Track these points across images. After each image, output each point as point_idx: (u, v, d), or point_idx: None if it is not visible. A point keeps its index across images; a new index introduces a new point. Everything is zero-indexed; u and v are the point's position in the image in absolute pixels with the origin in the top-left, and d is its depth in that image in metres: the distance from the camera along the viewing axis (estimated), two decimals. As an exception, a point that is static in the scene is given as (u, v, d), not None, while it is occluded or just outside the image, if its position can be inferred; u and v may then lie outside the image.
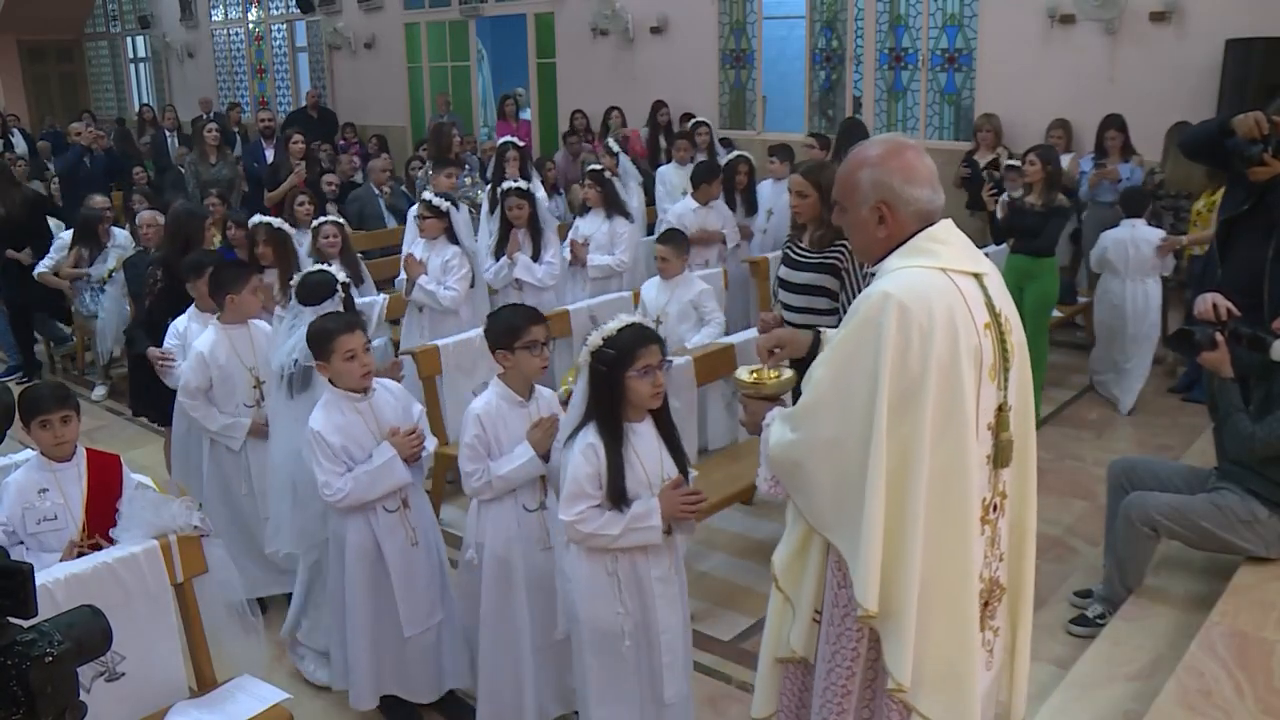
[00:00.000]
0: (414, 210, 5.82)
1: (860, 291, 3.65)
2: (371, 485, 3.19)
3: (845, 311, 2.46)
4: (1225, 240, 4.27)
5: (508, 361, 3.11)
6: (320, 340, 3.21)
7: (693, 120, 8.65)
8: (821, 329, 2.51)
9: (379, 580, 3.27)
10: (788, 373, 2.44)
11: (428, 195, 5.61)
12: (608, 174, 6.55)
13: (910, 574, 2.00)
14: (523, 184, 5.91)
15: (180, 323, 4.38)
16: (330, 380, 3.26)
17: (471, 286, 5.51)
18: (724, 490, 4.13)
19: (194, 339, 4.20)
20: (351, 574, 3.26)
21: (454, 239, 5.50)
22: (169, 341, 4.36)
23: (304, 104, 12.88)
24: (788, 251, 4.10)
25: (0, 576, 1.41)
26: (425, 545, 3.36)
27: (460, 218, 5.60)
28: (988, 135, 7.88)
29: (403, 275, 5.62)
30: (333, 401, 3.24)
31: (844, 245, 3.82)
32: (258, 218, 5.35)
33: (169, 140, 11.71)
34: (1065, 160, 7.14)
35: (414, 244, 5.66)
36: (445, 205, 5.50)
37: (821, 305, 3.79)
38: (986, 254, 2.09)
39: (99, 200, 7.36)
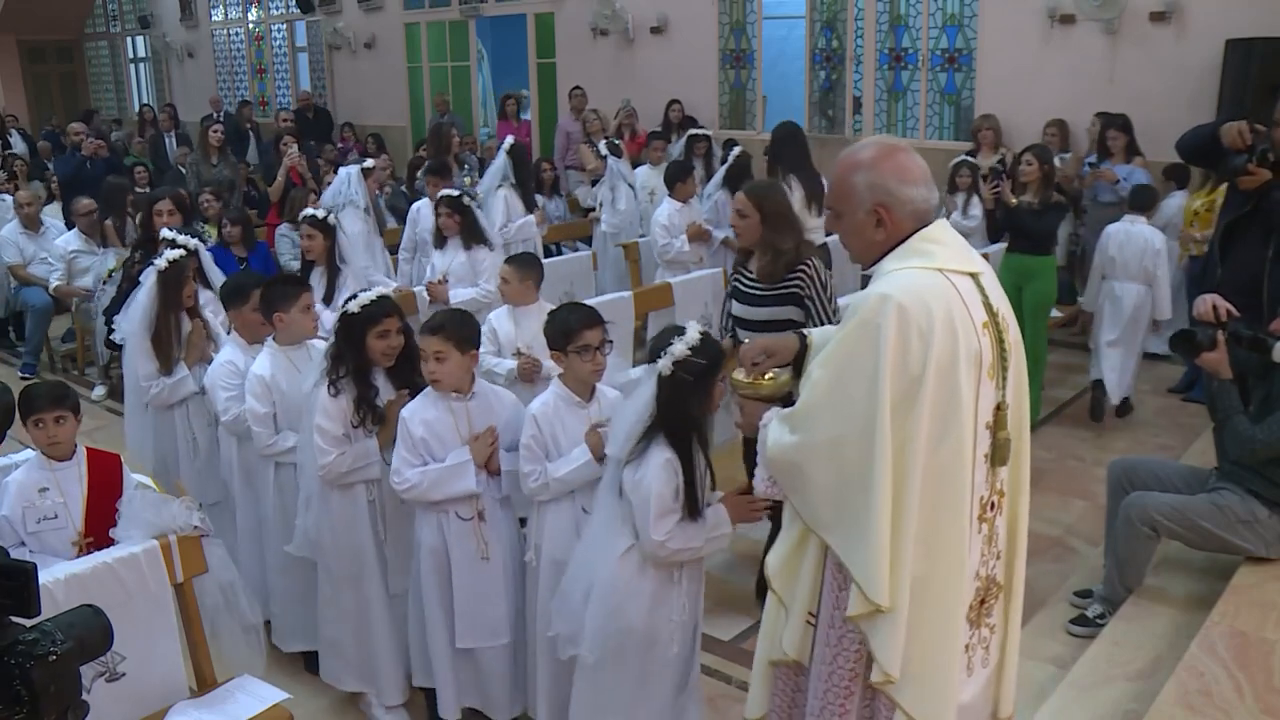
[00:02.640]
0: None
1: (830, 318, 3.56)
2: (437, 484, 3.11)
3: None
4: (1225, 241, 4.28)
5: (561, 363, 3.11)
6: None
7: (690, 132, 8.48)
8: (807, 331, 2.49)
9: (446, 587, 3.22)
10: (784, 374, 2.43)
11: (167, 232, 4.58)
12: (465, 200, 5.63)
13: (905, 570, 2.02)
14: (320, 212, 5.25)
15: (234, 359, 3.79)
16: None
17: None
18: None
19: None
20: (425, 576, 3.23)
21: (206, 284, 4.64)
22: (228, 380, 3.76)
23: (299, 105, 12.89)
24: (738, 284, 3.83)
25: (3, 576, 1.41)
26: (500, 563, 3.23)
27: (209, 259, 4.81)
28: (988, 135, 7.88)
29: None
30: (432, 394, 3.21)
31: (802, 271, 3.63)
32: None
33: (167, 141, 11.71)
34: (1063, 160, 7.15)
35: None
36: (194, 244, 4.58)
37: None
38: (984, 254, 2.10)
39: (85, 204, 7.41)
